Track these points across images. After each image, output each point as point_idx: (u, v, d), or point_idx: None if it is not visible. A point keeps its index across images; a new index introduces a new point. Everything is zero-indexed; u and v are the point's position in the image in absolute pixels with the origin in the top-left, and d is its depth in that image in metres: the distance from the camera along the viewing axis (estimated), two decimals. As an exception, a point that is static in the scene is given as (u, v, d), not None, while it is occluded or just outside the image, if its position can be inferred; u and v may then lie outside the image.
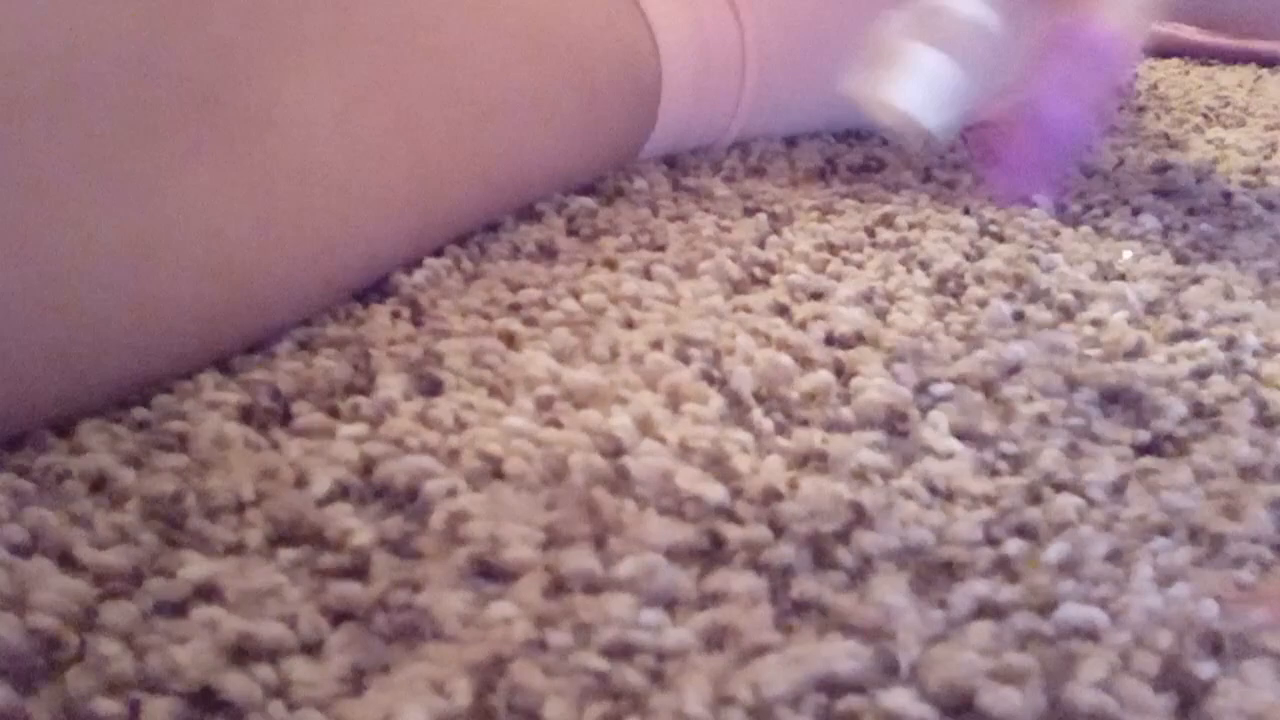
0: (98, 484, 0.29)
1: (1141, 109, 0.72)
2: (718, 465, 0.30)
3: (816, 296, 0.41)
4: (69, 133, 0.29)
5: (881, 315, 0.40)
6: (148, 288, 0.31)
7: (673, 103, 0.52)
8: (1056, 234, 0.48)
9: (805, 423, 0.33)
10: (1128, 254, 0.46)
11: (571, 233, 0.46)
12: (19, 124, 0.28)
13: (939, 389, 0.34)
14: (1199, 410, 0.34)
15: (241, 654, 0.23)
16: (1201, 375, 0.36)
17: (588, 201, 0.48)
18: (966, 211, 0.50)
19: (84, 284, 0.30)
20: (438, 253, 0.42)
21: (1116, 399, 0.35)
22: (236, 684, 0.23)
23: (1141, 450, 0.33)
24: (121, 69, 0.30)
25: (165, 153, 0.31)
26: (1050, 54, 0.36)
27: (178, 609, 0.25)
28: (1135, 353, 0.37)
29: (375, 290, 0.40)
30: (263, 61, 0.34)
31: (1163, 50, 0.91)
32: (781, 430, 0.32)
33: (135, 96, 0.30)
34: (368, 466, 0.30)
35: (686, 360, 0.35)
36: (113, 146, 0.30)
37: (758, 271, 0.42)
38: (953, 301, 0.41)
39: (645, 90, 0.50)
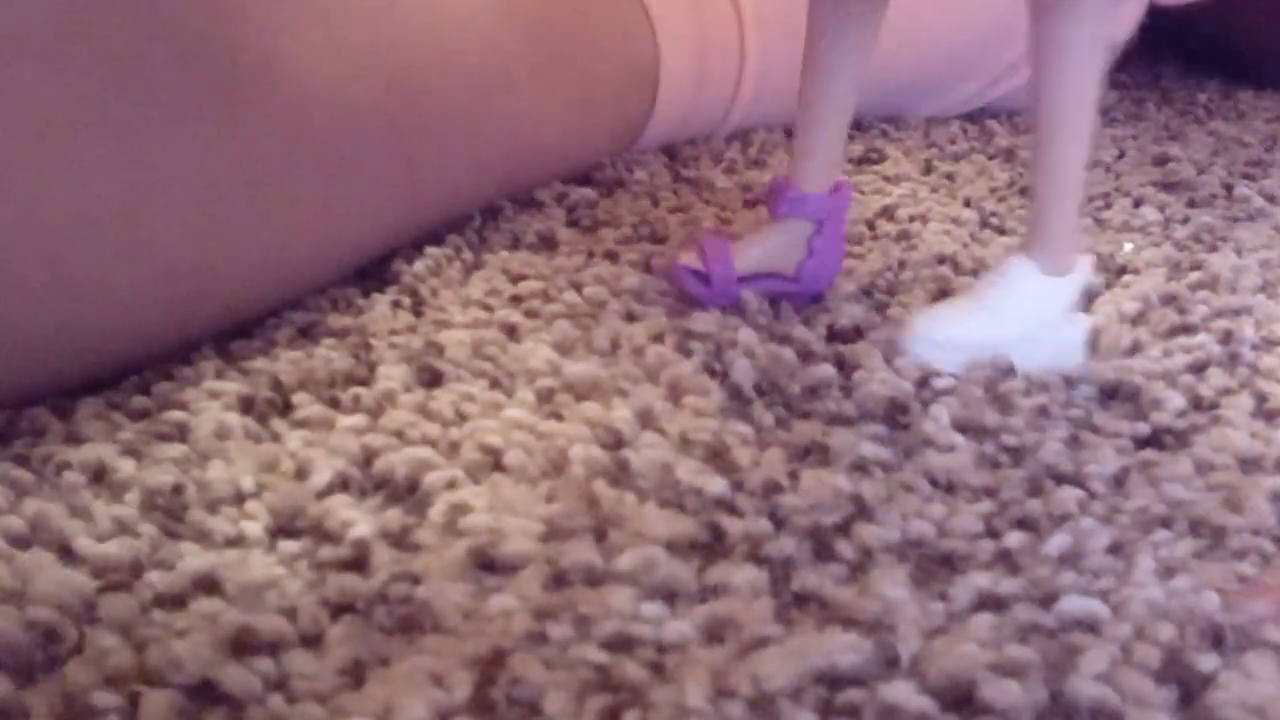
0: (97, 475, 0.29)
1: (1142, 100, 0.72)
2: (718, 458, 0.30)
3: (817, 288, 0.41)
4: (66, 77, 0.29)
5: (882, 309, 0.39)
6: (138, 239, 0.31)
7: (671, 86, 0.51)
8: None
9: (806, 415, 0.33)
10: (1129, 247, 0.46)
11: (572, 223, 0.46)
12: (17, 65, 0.28)
13: (940, 382, 0.34)
14: (1198, 403, 0.34)
15: (241, 647, 0.23)
16: (1199, 369, 0.36)
17: (588, 192, 0.48)
18: (967, 204, 0.50)
19: (74, 231, 0.29)
20: (438, 241, 0.42)
21: (1115, 393, 0.35)
22: (236, 677, 0.23)
23: (1142, 443, 0.33)
24: (122, 16, 0.30)
25: (161, 103, 0.31)
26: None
27: (177, 601, 0.25)
28: (1132, 349, 0.37)
29: (376, 279, 0.40)
30: (263, 24, 0.34)
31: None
32: (782, 423, 0.32)
33: (134, 45, 0.30)
34: (368, 458, 0.29)
35: (688, 353, 0.35)
36: (109, 94, 0.29)
37: (758, 263, 0.42)
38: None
39: (642, 72, 0.50)
